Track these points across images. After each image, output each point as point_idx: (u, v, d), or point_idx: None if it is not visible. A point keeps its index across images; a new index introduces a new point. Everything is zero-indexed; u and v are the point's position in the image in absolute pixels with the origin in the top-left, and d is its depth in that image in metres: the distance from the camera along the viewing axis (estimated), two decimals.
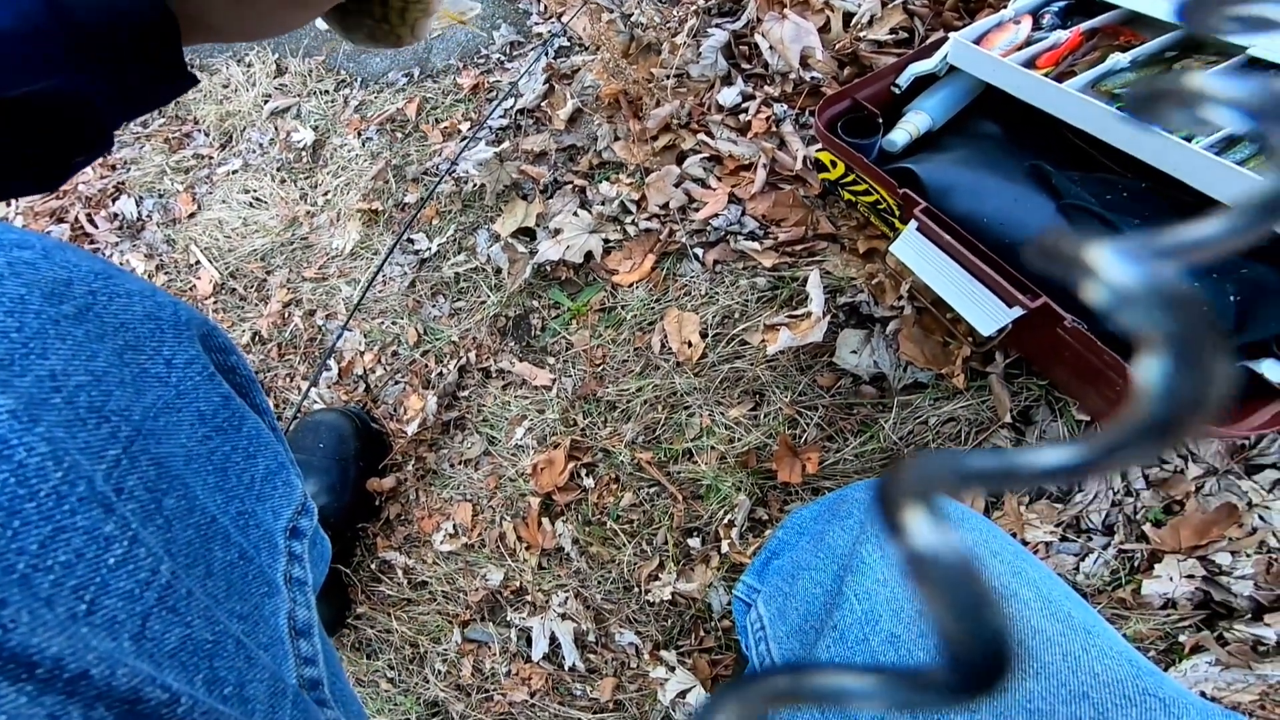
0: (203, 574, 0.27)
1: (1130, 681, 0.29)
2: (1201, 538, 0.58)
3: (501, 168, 0.84)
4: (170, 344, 0.29)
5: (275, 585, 0.32)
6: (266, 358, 0.89)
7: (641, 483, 0.70)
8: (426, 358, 0.81)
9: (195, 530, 0.27)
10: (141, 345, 0.28)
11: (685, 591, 0.66)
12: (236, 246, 0.95)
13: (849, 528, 0.44)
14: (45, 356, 0.23)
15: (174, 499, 0.26)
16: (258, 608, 0.30)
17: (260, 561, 0.31)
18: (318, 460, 0.78)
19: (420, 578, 0.80)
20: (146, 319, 0.28)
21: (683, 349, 0.70)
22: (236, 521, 0.30)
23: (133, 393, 0.26)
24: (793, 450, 0.64)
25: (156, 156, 1.07)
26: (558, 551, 0.73)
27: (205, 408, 0.30)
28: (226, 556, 0.29)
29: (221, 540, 0.29)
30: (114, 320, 0.27)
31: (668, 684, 0.65)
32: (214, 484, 0.29)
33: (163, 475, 0.26)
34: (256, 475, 0.33)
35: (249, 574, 0.30)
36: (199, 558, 0.27)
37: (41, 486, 0.21)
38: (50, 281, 0.25)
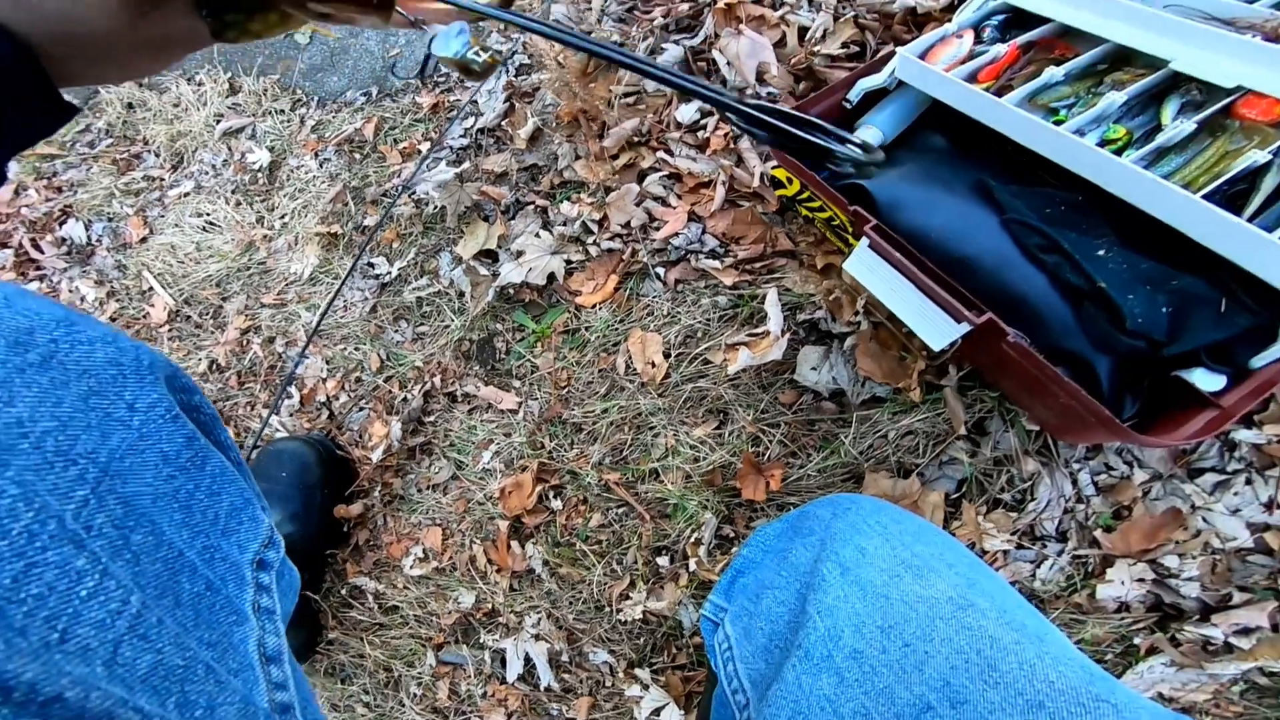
0: (172, 604, 0.28)
1: (1084, 688, 0.30)
2: (1150, 541, 0.60)
3: (462, 189, 0.83)
4: (133, 388, 0.30)
5: (243, 614, 0.33)
6: (225, 386, 0.87)
7: (609, 503, 0.70)
8: (390, 383, 0.81)
9: (163, 564, 0.29)
10: (104, 390, 0.29)
11: (656, 610, 0.67)
12: (191, 272, 0.93)
13: (810, 545, 0.44)
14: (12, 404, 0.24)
15: (141, 535, 0.28)
16: (226, 635, 0.31)
17: (227, 592, 0.33)
18: (281, 489, 0.77)
19: (391, 602, 0.79)
20: (108, 364, 0.29)
21: (646, 369, 0.70)
22: (203, 555, 0.32)
23: (98, 436, 0.27)
24: (756, 468, 0.66)
25: (104, 178, 1.03)
26: (528, 573, 0.73)
27: (169, 448, 0.31)
28: (194, 588, 0.30)
29: (189, 573, 0.30)
30: (77, 367, 0.28)
31: (643, 701, 0.66)
32: (180, 520, 0.31)
33: (130, 513, 0.28)
34: (221, 511, 0.34)
35: (216, 604, 0.31)
36: (167, 589, 0.28)
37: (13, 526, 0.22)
38: (14, 330, 0.26)
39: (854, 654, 0.35)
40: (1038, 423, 0.63)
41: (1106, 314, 0.54)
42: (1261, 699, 0.57)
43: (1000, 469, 0.64)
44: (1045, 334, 0.56)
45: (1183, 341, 0.53)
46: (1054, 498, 0.63)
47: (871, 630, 0.35)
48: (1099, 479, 0.63)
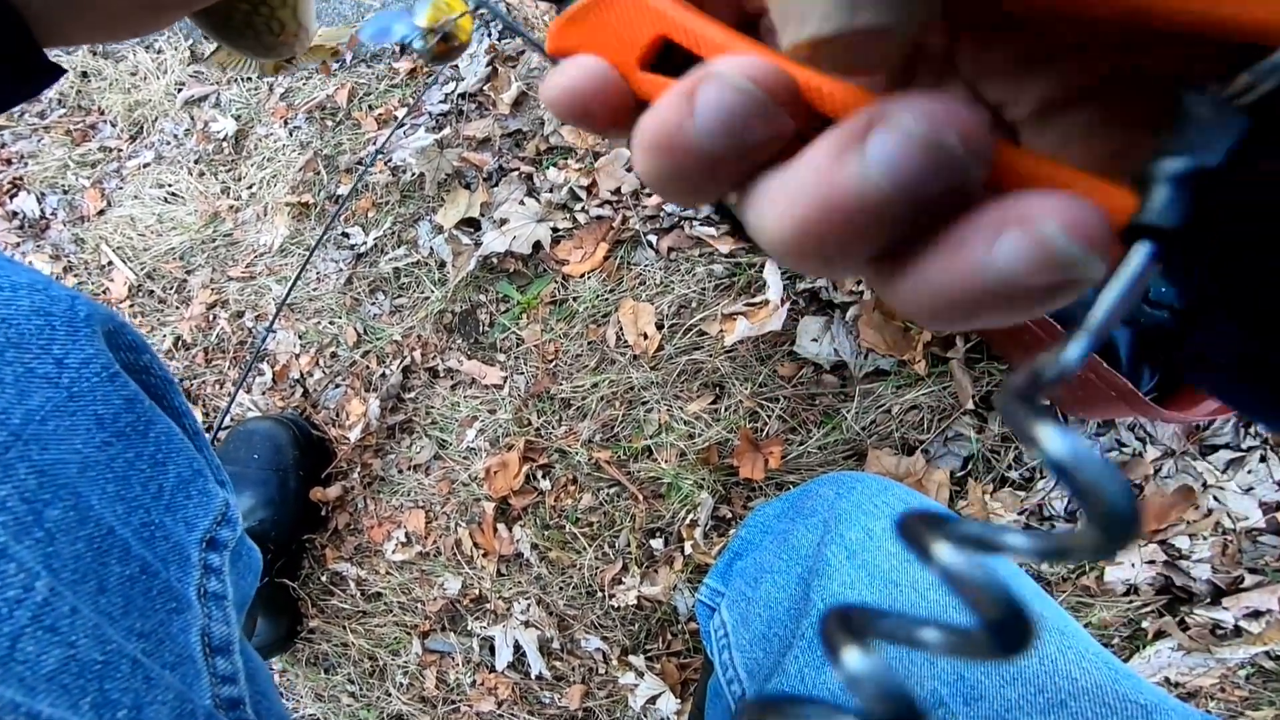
0: (94, 590, 0.26)
1: (1109, 686, 0.28)
2: (1161, 521, 0.58)
3: (442, 155, 0.78)
4: (63, 342, 0.27)
5: (185, 600, 0.30)
6: (191, 364, 0.82)
7: (600, 483, 0.67)
8: (368, 358, 0.77)
9: (86, 543, 0.26)
10: (27, 343, 0.26)
11: (650, 595, 0.64)
12: (152, 245, 0.87)
13: (813, 526, 0.42)
14: None
15: (60, 509, 0.25)
16: (162, 624, 0.29)
17: (167, 576, 0.29)
18: (253, 472, 0.74)
19: (374, 589, 0.76)
20: (34, 313, 0.26)
21: (638, 341, 0.67)
22: (140, 533, 0.29)
23: (13, 394, 0.24)
24: (754, 444, 0.63)
25: (57, 149, 0.97)
26: (516, 557, 0.70)
27: (104, 410, 0.28)
28: (125, 571, 0.27)
29: (119, 553, 0.27)
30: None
31: (637, 689, 0.63)
32: (113, 493, 0.28)
33: (46, 484, 0.25)
34: (166, 484, 0.31)
35: (152, 589, 0.28)
36: (90, 573, 0.26)
37: None
38: None
39: None
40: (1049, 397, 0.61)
41: None
42: (1267, 683, 0.56)
43: (1008, 446, 0.61)
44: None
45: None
46: None
47: None
48: (1110, 456, 0.61)
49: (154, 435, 0.31)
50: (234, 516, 0.36)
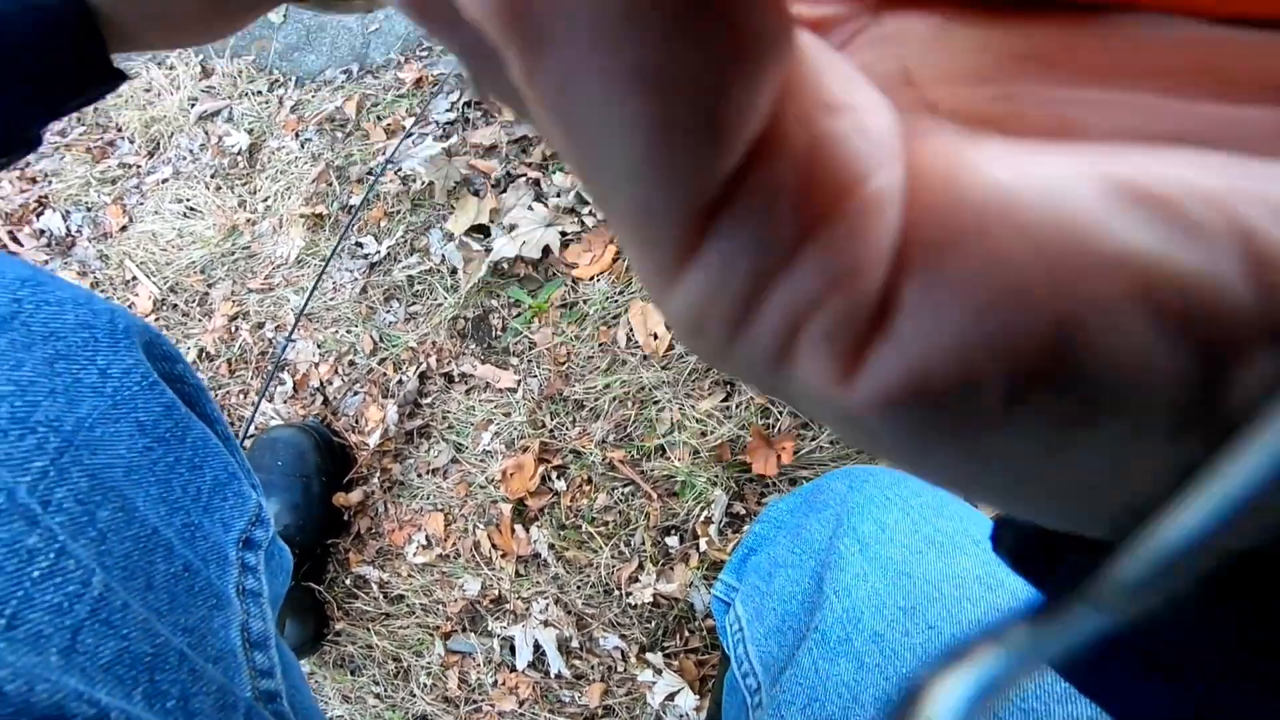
0: (142, 586, 0.27)
1: None
2: None
3: (450, 163, 0.80)
4: (106, 353, 0.29)
5: (225, 597, 0.32)
6: (215, 374, 0.84)
7: (615, 483, 0.68)
8: (384, 365, 0.78)
9: (134, 543, 0.27)
10: (74, 354, 0.27)
11: (666, 592, 0.65)
12: (174, 259, 0.90)
13: (825, 520, 0.43)
14: None
15: (109, 511, 0.26)
16: (205, 620, 0.30)
17: (208, 574, 0.31)
18: (277, 478, 0.75)
19: (396, 591, 0.78)
20: (80, 327, 0.28)
21: (649, 341, 0.67)
22: (181, 534, 0.30)
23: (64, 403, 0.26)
24: (767, 441, 0.63)
25: (79, 167, 1.00)
26: (534, 558, 0.71)
27: (145, 417, 0.30)
28: (169, 569, 0.29)
29: (164, 552, 0.29)
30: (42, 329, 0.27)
31: (655, 687, 0.64)
32: (156, 495, 0.29)
33: (96, 487, 0.26)
34: (203, 486, 0.32)
35: (195, 586, 0.30)
36: (138, 570, 0.27)
37: None
38: None
39: (874, 636, 0.33)
40: None
41: None
42: None
43: None
44: None
45: None
46: None
47: (893, 611, 0.33)
48: None
49: (191, 440, 0.32)
50: (266, 518, 0.37)
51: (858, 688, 0.32)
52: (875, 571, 0.36)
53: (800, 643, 0.37)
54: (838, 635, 0.35)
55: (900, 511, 0.38)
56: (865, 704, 0.31)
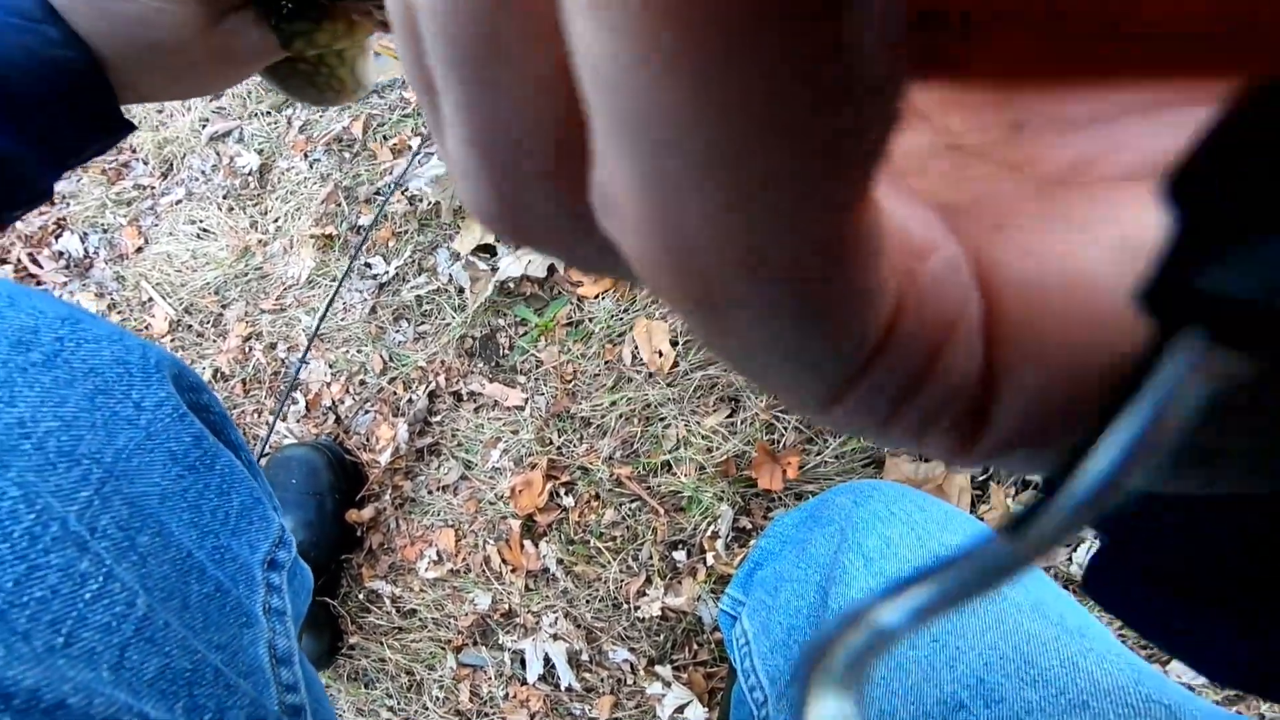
0: (179, 607, 0.28)
1: (1132, 688, 0.28)
2: None
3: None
4: (139, 387, 0.30)
5: (253, 616, 0.33)
6: (230, 394, 0.86)
7: (622, 498, 0.69)
8: (394, 384, 0.79)
9: (171, 565, 0.28)
10: (111, 389, 0.29)
11: (674, 606, 0.65)
12: (189, 280, 0.91)
13: (830, 535, 0.43)
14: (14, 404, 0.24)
15: (148, 536, 0.28)
16: (236, 638, 0.31)
17: (237, 594, 0.32)
18: (292, 496, 0.77)
19: (409, 605, 0.79)
20: (115, 363, 0.30)
21: (654, 359, 0.68)
22: (212, 556, 0.32)
23: (104, 436, 0.27)
24: (772, 456, 0.64)
25: (95, 189, 1.02)
26: (543, 572, 0.72)
27: (177, 447, 0.31)
28: (203, 589, 0.30)
29: (197, 574, 0.30)
30: (83, 365, 0.28)
31: (665, 699, 0.65)
32: (189, 520, 0.31)
33: (136, 514, 0.27)
34: (231, 511, 0.34)
35: (226, 606, 0.31)
36: (175, 591, 0.28)
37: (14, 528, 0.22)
38: (17, 329, 0.26)
39: None
40: None
41: None
42: None
43: None
44: None
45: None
46: None
47: None
48: None
49: (219, 468, 0.34)
50: (289, 539, 0.39)
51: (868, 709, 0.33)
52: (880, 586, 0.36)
53: None
54: None
55: (905, 526, 0.39)
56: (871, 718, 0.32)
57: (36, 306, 0.28)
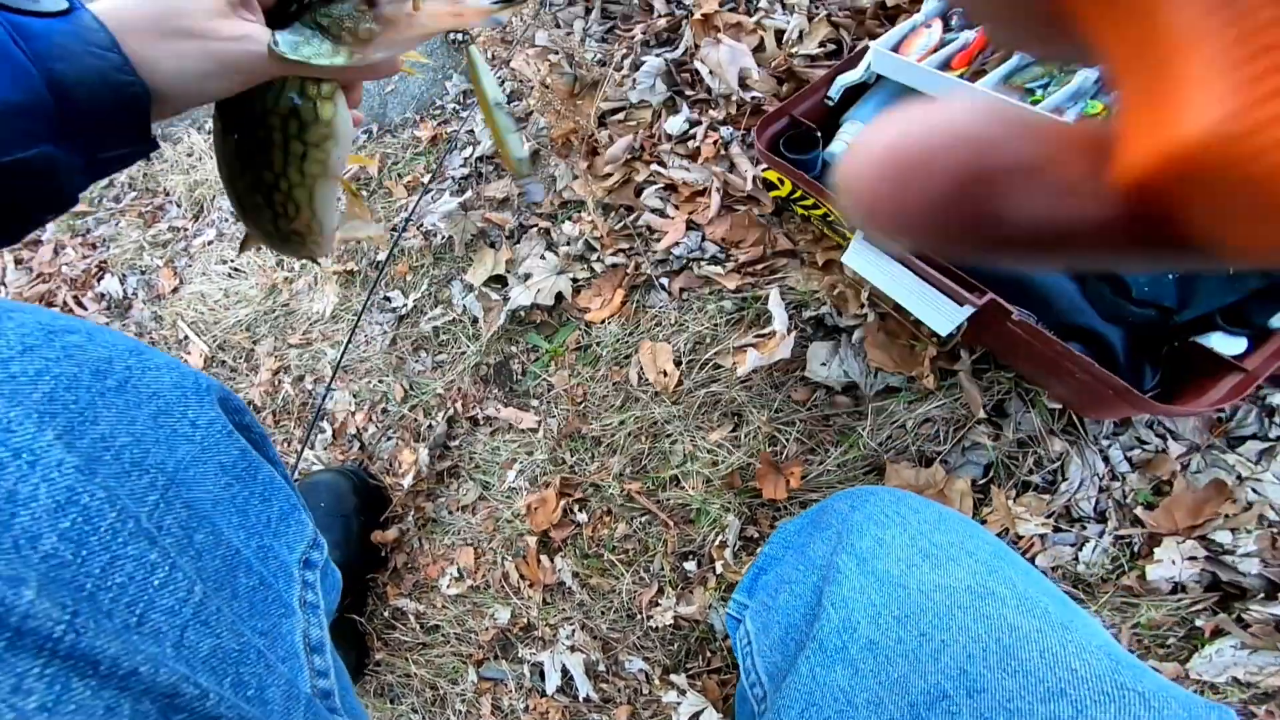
0: (229, 596, 0.32)
1: (1108, 677, 0.30)
2: (1196, 517, 0.57)
3: (467, 217, 0.85)
4: (194, 407, 0.35)
5: (291, 607, 0.37)
6: (263, 425, 0.91)
7: (633, 513, 0.72)
8: (415, 412, 0.83)
9: (222, 560, 0.32)
10: (171, 410, 0.33)
11: (687, 615, 0.67)
12: (221, 318, 0.97)
13: (828, 538, 0.45)
14: (97, 422, 0.28)
15: (203, 534, 0.32)
16: (276, 625, 0.35)
17: (278, 587, 0.36)
18: (320, 518, 0.80)
19: (432, 622, 0.82)
20: (174, 387, 0.34)
21: (659, 379, 0.71)
22: (257, 553, 0.36)
23: (166, 449, 0.31)
24: (775, 467, 0.66)
25: (133, 232, 1.09)
26: (560, 586, 0.74)
27: (226, 460, 0.36)
28: (249, 582, 0.34)
29: (244, 569, 0.34)
30: (148, 390, 0.32)
31: (680, 707, 0.67)
32: (237, 522, 0.35)
33: (193, 515, 0.31)
34: (272, 515, 0.38)
35: (268, 597, 0.35)
36: (225, 582, 0.32)
37: (101, 524, 0.26)
38: (96, 360, 0.30)
39: (869, 644, 0.35)
40: (1058, 400, 0.62)
41: (1112, 286, 0.53)
42: None
43: (1026, 450, 0.63)
44: (1052, 311, 0.55)
45: (1193, 307, 0.52)
46: (1087, 477, 0.61)
47: (887, 620, 0.36)
48: (1132, 454, 0.61)
49: (261, 478, 0.38)
50: (321, 542, 0.43)
51: (852, 692, 0.34)
52: (873, 585, 0.38)
53: (800, 650, 0.40)
54: (835, 644, 0.37)
55: (898, 528, 0.40)
56: (859, 706, 0.33)
57: (109, 340, 0.32)
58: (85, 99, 0.30)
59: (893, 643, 0.35)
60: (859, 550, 0.41)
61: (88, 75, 0.30)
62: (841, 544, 0.42)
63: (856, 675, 0.34)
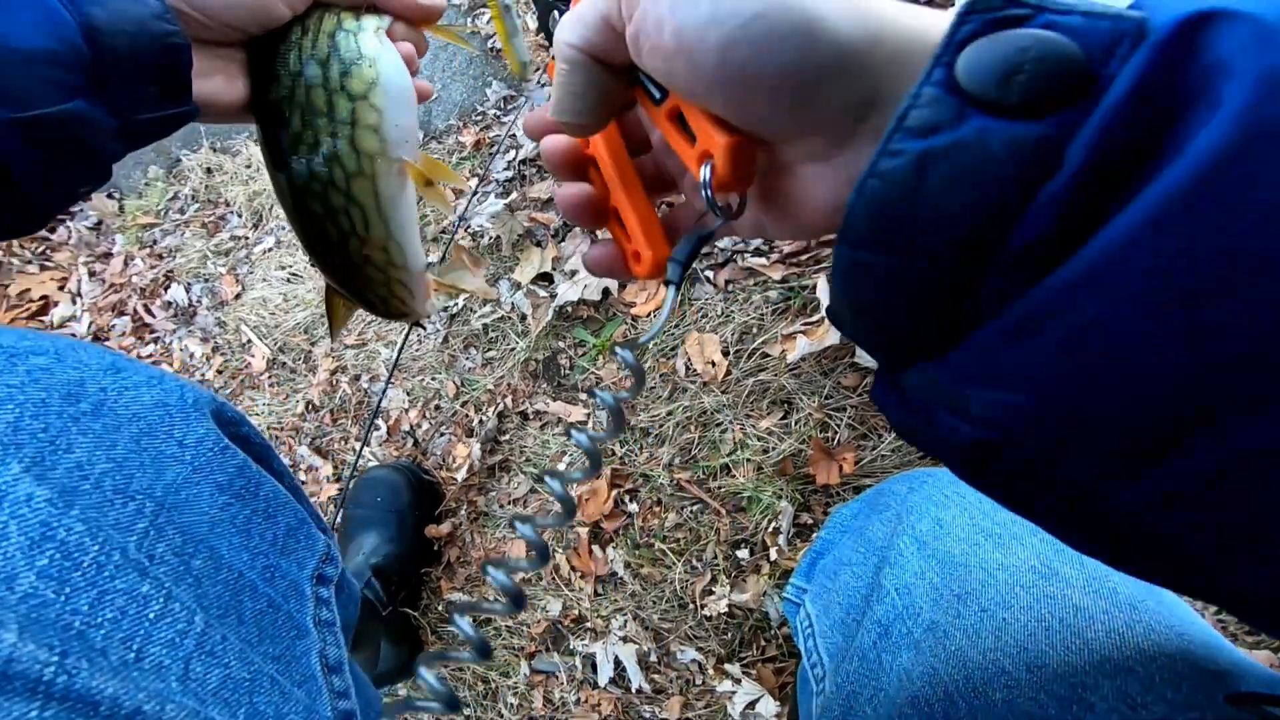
0: (235, 622, 0.30)
1: (1181, 657, 0.29)
2: None
3: (513, 218, 0.88)
4: (180, 426, 0.32)
5: (305, 628, 0.35)
6: (321, 424, 0.94)
7: (683, 502, 0.72)
8: (466, 408, 0.86)
9: (224, 585, 0.31)
10: (154, 431, 0.31)
11: (741, 603, 0.68)
12: (281, 322, 1.01)
13: (887, 520, 0.45)
14: (71, 450, 0.27)
15: (201, 560, 0.30)
16: (289, 649, 0.33)
17: (288, 608, 0.34)
18: (376, 514, 0.83)
19: (484, 615, 0.83)
20: (155, 406, 0.31)
21: (707, 369, 0.72)
22: (263, 575, 0.33)
23: (153, 473, 0.29)
24: (827, 452, 0.66)
25: (197, 242, 1.15)
26: (611, 577, 0.75)
27: (221, 478, 0.33)
28: (255, 605, 0.32)
29: (249, 592, 0.32)
30: (126, 411, 0.30)
31: (735, 697, 0.66)
32: (238, 544, 0.33)
33: (188, 541, 0.29)
34: (278, 532, 0.36)
35: (278, 620, 0.33)
36: (230, 608, 0.30)
37: (83, 558, 0.25)
38: (65, 384, 0.28)
39: (930, 625, 0.35)
40: None
41: None
42: None
43: None
44: None
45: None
46: None
47: (948, 599, 0.36)
48: None
49: (263, 494, 0.35)
50: (335, 555, 0.41)
51: (911, 669, 0.34)
52: (933, 567, 0.38)
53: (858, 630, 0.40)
54: (899, 630, 0.37)
55: (958, 509, 0.40)
56: (914, 679, 0.34)
57: (81, 360, 0.30)
58: (123, 49, 0.27)
59: (952, 619, 0.35)
60: (919, 532, 0.41)
61: (125, 22, 0.27)
62: (901, 526, 0.42)
63: (918, 654, 0.35)
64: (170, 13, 0.29)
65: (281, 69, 0.32)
